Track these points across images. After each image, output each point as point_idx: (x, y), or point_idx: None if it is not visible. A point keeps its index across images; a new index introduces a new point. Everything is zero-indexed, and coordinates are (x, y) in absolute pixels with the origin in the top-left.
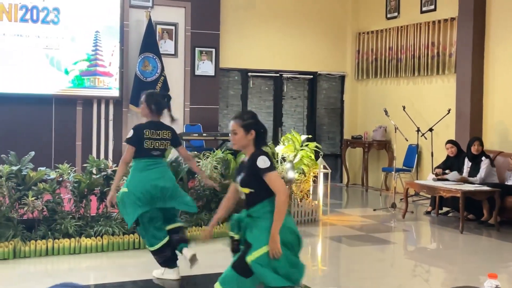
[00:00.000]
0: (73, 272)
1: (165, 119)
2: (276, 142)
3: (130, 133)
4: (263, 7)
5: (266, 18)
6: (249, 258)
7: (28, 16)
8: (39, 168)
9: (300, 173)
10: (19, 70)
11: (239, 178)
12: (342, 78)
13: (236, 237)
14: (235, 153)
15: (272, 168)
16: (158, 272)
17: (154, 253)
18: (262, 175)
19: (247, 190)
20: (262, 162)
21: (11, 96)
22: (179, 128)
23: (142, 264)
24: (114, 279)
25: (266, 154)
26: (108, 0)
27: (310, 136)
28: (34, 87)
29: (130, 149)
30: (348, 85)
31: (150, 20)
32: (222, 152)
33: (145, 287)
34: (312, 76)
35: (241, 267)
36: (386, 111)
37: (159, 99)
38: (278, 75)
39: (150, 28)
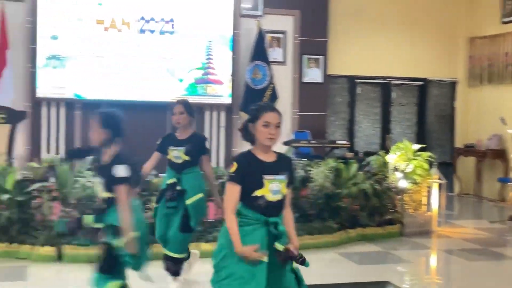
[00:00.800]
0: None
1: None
2: (384, 149)
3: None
4: (372, 13)
5: (375, 24)
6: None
7: (146, 27)
8: (159, 174)
9: (412, 183)
10: (138, 78)
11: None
12: (453, 84)
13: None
14: (347, 162)
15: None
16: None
17: (176, 261)
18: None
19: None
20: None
21: (130, 104)
22: (288, 135)
23: None
24: None
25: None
26: (220, 10)
27: (424, 145)
28: (151, 94)
29: None
30: (460, 91)
31: (260, 28)
32: (334, 161)
33: None
34: (422, 82)
35: None
36: (503, 120)
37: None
38: (386, 81)
39: (260, 36)
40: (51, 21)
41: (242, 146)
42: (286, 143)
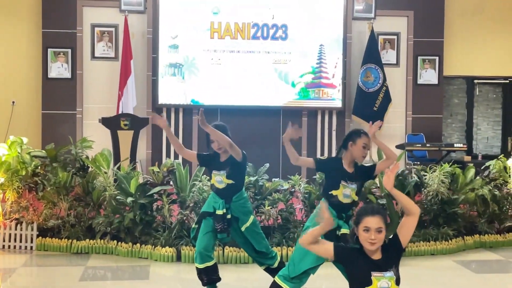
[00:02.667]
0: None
1: None
2: (505, 152)
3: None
4: (492, 11)
5: (494, 21)
6: None
7: (259, 34)
8: (273, 179)
9: None
10: (251, 84)
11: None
12: None
13: None
14: (464, 166)
15: None
16: None
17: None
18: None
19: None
20: None
21: (243, 108)
22: (401, 138)
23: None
24: None
25: None
26: (332, 14)
27: None
28: (264, 99)
29: None
30: None
31: (372, 31)
32: (450, 166)
33: None
34: None
35: None
36: None
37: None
38: (508, 81)
39: (373, 38)
40: (170, 31)
41: None
42: (399, 147)
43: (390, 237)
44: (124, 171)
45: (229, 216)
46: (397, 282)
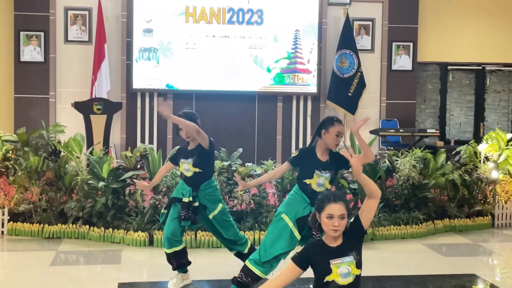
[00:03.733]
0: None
1: None
2: (477, 138)
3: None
4: None
5: (468, 8)
6: None
7: (234, 18)
8: (246, 164)
9: (505, 174)
10: (227, 69)
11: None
12: None
13: None
14: (434, 152)
15: None
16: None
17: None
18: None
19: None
20: None
21: (218, 93)
22: (375, 123)
23: None
24: None
25: None
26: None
27: None
28: (239, 84)
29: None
30: None
31: (347, 16)
32: (422, 151)
33: None
34: None
35: None
36: None
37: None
38: (480, 68)
39: (348, 24)
40: (144, 15)
41: None
42: (373, 132)
43: (352, 220)
44: (97, 156)
45: (196, 204)
46: (358, 265)
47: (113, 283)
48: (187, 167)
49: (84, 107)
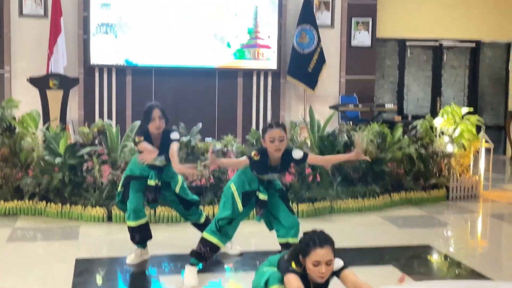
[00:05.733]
0: (237, 237)
1: None
2: (434, 112)
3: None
4: None
5: None
6: None
7: None
8: (205, 139)
9: (459, 148)
10: (186, 44)
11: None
12: (508, 46)
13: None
14: (392, 126)
15: None
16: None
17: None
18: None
19: None
20: None
21: (178, 69)
22: (335, 99)
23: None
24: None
25: None
26: None
27: (471, 109)
28: (199, 60)
29: None
30: None
31: None
32: (379, 125)
33: None
34: (474, 45)
35: None
36: None
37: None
38: (437, 44)
39: (308, 0)
40: None
41: (290, 110)
42: (332, 107)
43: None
44: (53, 132)
45: (159, 184)
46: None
47: (71, 259)
48: (158, 162)
49: (39, 82)
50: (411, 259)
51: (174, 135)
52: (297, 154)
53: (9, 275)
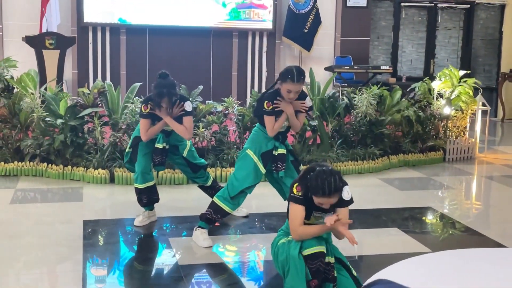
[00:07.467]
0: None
1: None
2: (427, 74)
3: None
4: None
5: None
6: None
7: None
8: (206, 101)
9: (457, 110)
10: (181, 3)
11: None
12: (502, 7)
13: None
14: (391, 89)
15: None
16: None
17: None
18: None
19: None
20: None
21: (173, 29)
22: (330, 60)
23: None
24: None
25: None
26: None
27: (468, 71)
28: (194, 19)
29: None
30: (508, 15)
31: None
32: (378, 88)
33: None
34: (469, 6)
35: None
36: None
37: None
38: (432, 5)
39: None
40: None
41: None
42: (328, 69)
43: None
44: (52, 92)
45: (167, 147)
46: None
47: (77, 220)
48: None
49: (35, 42)
50: (414, 220)
51: (188, 106)
52: (309, 102)
53: (17, 236)
